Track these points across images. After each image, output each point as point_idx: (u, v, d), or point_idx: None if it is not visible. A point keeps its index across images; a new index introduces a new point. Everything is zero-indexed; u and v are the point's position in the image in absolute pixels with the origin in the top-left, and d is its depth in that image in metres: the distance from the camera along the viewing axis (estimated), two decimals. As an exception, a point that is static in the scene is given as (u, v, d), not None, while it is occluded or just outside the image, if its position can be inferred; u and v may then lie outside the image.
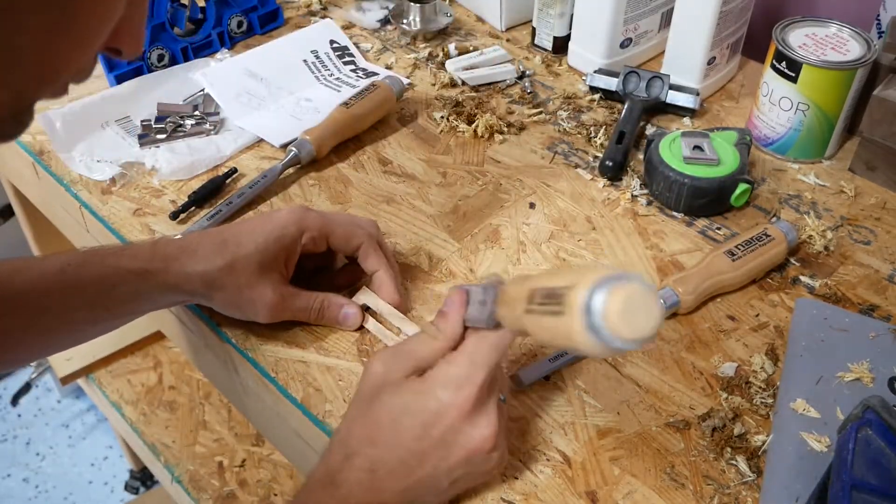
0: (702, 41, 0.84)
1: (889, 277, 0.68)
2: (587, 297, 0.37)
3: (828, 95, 0.76)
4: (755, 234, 0.67)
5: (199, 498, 1.11)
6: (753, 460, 0.54)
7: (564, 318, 0.39)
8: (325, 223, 0.62)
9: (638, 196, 0.76)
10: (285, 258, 0.61)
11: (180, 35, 0.91)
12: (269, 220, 0.61)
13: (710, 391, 0.59)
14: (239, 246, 0.59)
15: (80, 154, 0.79)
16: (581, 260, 0.69)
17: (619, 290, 0.37)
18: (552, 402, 0.58)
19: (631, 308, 0.37)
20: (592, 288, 0.38)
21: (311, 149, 0.78)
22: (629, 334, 0.37)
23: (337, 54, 0.94)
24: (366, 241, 0.62)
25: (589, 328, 0.37)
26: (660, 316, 0.37)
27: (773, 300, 0.66)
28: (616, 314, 0.37)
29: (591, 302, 0.37)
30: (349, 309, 0.62)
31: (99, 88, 0.87)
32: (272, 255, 0.59)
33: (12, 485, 1.61)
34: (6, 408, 1.73)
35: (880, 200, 0.76)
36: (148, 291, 0.59)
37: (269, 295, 0.59)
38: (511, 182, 0.78)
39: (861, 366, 0.59)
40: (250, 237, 0.59)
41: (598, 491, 0.53)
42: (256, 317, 0.61)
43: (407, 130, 0.85)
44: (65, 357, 1.28)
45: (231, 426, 1.20)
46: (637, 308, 0.37)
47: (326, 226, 0.62)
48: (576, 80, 0.93)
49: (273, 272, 0.60)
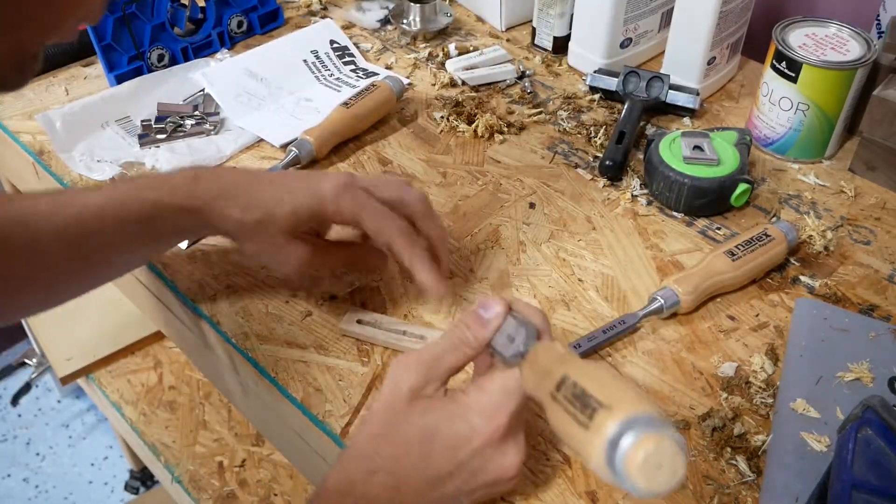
0: (702, 41, 0.84)
1: (889, 277, 0.68)
2: (616, 432, 0.36)
3: (828, 95, 0.76)
4: (755, 234, 0.67)
5: (199, 498, 1.11)
6: (753, 460, 0.54)
7: (587, 435, 0.38)
8: (359, 210, 0.59)
9: (638, 196, 0.76)
10: (316, 227, 0.63)
11: (180, 35, 0.91)
12: (311, 185, 0.60)
13: (710, 391, 0.59)
14: (277, 204, 0.59)
15: (80, 154, 0.79)
16: (581, 260, 0.69)
17: (649, 440, 0.36)
18: (552, 402, 0.58)
19: (656, 462, 0.36)
20: (624, 424, 0.37)
21: (311, 149, 0.78)
22: (646, 486, 0.36)
23: (337, 54, 0.94)
24: (396, 241, 0.58)
25: (608, 462, 0.37)
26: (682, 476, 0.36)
27: (773, 300, 0.66)
28: (639, 465, 0.36)
29: (619, 439, 0.36)
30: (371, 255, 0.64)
31: (99, 88, 0.87)
32: (305, 221, 0.60)
33: (12, 485, 1.61)
34: (6, 408, 1.73)
35: (880, 200, 0.76)
36: (187, 225, 0.61)
37: (296, 253, 0.60)
38: (511, 182, 0.78)
39: (861, 366, 0.59)
40: (289, 198, 0.59)
41: (598, 491, 0.53)
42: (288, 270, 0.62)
43: (407, 130, 0.85)
44: (65, 357, 1.28)
45: (231, 426, 1.20)
46: (662, 464, 0.36)
47: (360, 213, 0.59)
48: (576, 80, 0.93)
49: (304, 233, 0.61)
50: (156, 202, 0.58)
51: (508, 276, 0.68)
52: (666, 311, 0.63)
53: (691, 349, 0.62)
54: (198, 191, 0.59)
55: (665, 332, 0.63)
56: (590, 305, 0.66)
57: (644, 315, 0.63)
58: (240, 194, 0.59)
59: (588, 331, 0.62)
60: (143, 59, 0.88)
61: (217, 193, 0.59)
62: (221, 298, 0.66)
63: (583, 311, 0.65)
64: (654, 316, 0.63)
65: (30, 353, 1.66)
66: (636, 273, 0.68)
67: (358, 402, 0.58)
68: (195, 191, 0.59)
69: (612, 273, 0.68)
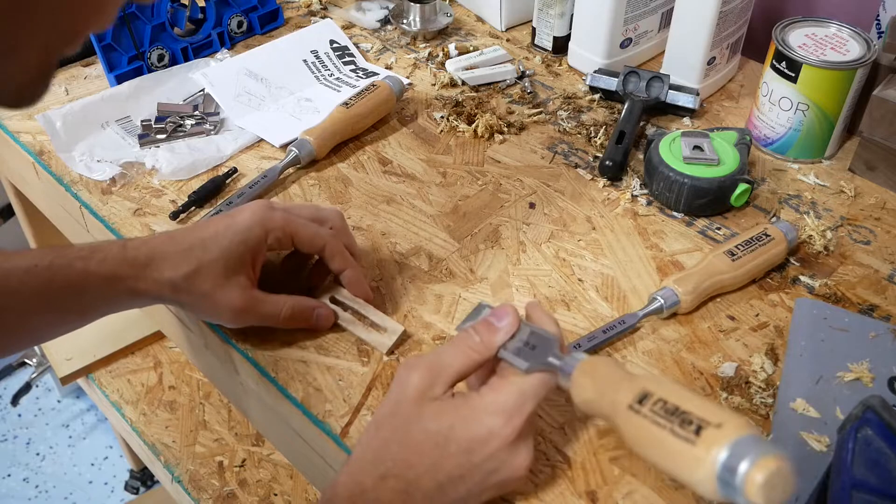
0: (702, 41, 0.84)
1: (889, 277, 0.68)
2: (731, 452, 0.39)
3: (828, 95, 0.76)
4: (755, 234, 0.67)
5: (199, 498, 1.11)
6: (753, 460, 0.54)
7: (693, 451, 0.40)
8: (289, 223, 0.60)
9: (638, 196, 0.76)
10: (251, 260, 0.60)
11: (180, 35, 0.91)
12: (232, 223, 0.60)
13: (710, 391, 0.59)
14: (205, 251, 0.58)
15: (80, 154, 0.79)
16: (581, 260, 0.69)
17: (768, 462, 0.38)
18: (552, 402, 0.58)
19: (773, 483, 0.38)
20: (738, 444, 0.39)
21: (311, 149, 0.78)
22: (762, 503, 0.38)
23: (337, 54, 0.94)
24: (329, 242, 0.61)
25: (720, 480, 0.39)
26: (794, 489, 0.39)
27: (773, 300, 0.66)
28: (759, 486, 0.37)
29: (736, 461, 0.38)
30: (321, 310, 0.62)
31: (99, 88, 0.87)
32: (237, 258, 0.59)
33: (12, 485, 1.61)
34: (6, 408, 1.73)
35: (880, 200, 0.76)
36: (116, 297, 0.59)
37: (235, 299, 0.58)
38: (511, 182, 0.78)
39: (861, 366, 0.59)
40: (215, 241, 0.58)
41: (598, 491, 0.53)
42: (222, 321, 0.61)
43: (407, 130, 0.85)
44: (65, 357, 1.28)
45: (231, 426, 1.19)
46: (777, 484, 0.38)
47: (290, 225, 0.60)
48: (576, 80, 0.93)
49: (239, 275, 0.59)
50: (84, 271, 0.57)
51: (508, 276, 0.68)
52: (666, 311, 0.63)
53: (691, 349, 0.62)
54: (126, 258, 0.58)
55: (665, 332, 0.63)
56: (590, 305, 0.66)
57: (644, 315, 0.63)
58: (168, 254, 0.58)
59: (588, 331, 0.62)
60: (143, 59, 0.88)
61: (146, 260, 0.58)
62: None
63: (583, 311, 0.65)
64: (654, 316, 0.64)
65: (30, 353, 1.66)
66: (636, 273, 0.68)
67: (358, 402, 0.58)
68: (124, 259, 0.58)
69: (612, 273, 0.68)
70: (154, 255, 0.58)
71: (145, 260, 0.58)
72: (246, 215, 0.60)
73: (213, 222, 0.61)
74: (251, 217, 0.60)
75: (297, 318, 0.61)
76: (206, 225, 0.60)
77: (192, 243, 0.59)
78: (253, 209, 0.60)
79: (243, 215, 0.60)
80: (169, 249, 0.58)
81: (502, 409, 0.48)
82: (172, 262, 0.58)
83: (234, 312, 0.59)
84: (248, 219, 0.60)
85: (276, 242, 0.60)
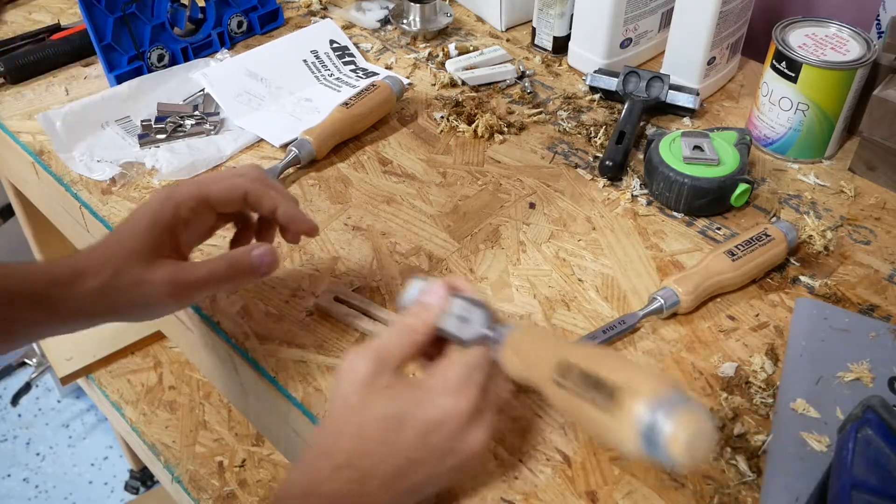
0: (702, 41, 0.84)
1: (889, 277, 0.68)
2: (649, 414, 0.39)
3: (828, 95, 0.76)
4: (755, 234, 0.67)
5: (199, 498, 1.11)
6: (753, 460, 0.54)
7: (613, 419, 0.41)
8: (198, 187, 0.57)
9: (638, 196, 0.76)
10: (169, 239, 0.56)
11: (180, 35, 0.91)
12: (139, 211, 0.56)
13: (710, 391, 0.59)
14: (121, 245, 0.55)
15: (80, 154, 0.79)
16: (581, 260, 0.69)
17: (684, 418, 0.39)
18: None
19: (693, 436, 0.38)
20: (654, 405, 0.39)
21: (311, 149, 0.78)
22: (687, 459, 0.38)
23: (337, 54, 0.94)
24: (249, 186, 0.58)
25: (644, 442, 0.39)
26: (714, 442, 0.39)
27: (773, 300, 0.66)
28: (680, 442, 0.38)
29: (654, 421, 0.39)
30: (257, 251, 0.56)
31: (99, 88, 0.87)
32: (153, 242, 0.55)
33: (12, 485, 1.61)
34: (6, 408, 1.73)
35: (880, 200, 0.76)
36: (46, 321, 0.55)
37: (165, 275, 0.54)
38: (511, 182, 0.78)
39: (861, 366, 0.59)
40: (128, 234, 0.55)
41: (598, 491, 0.53)
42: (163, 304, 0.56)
43: (407, 130, 0.85)
44: (65, 357, 1.28)
45: (231, 426, 1.20)
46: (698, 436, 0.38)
47: (200, 189, 0.57)
48: (576, 80, 0.93)
49: (162, 256, 0.55)
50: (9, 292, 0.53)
51: (508, 276, 0.68)
52: (666, 311, 0.63)
53: (691, 349, 0.62)
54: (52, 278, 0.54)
55: (665, 332, 0.63)
56: (590, 305, 0.66)
57: (644, 315, 0.63)
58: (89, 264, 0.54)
59: (588, 331, 0.62)
60: (143, 59, 0.88)
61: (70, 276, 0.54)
62: (221, 298, 0.66)
63: (583, 311, 0.65)
64: (654, 316, 0.63)
65: (30, 353, 1.66)
66: (636, 273, 0.68)
67: (358, 402, 0.58)
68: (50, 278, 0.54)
69: (612, 273, 0.68)
70: (76, 269, 0.54)
71: (69, 276, 0.54)
72: (150, 200, 0.57)
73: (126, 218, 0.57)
74: (156, 197, 0.56)
75: (238, 270, 0.56)
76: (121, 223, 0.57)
77: (109, 243, 0.55)
78: (158, 191, 0.57)
79: (148, 201, 0.57)
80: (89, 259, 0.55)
81: (452, 388, 0.48)
82: (94, 270, 0.54)
83: (169, 288, 0.54)
84: (153, 200, 0.56)
85: (190, 213, 0.56)
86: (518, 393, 0.58)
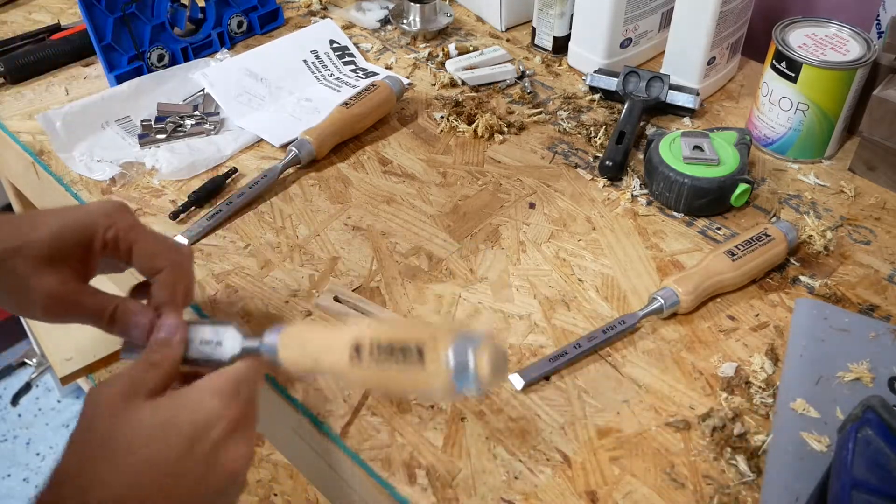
0: (702, 41, 0.84)
1: (889, 277, 0.68)
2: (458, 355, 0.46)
3: (828, 95, 0.76)
4: (755, 234, 0.67)
5: (199, 498, 1.11)
6: (753, 460, 0.54)
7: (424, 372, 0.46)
8: (136, 227, 0.53)
9: (638, 196, 0.76)
10: (82, 253, 0.51)
11: (180, 35, 0.91)
12: (76, 208, 0.53)
13: (710, 391, 0.59)
14: (33, 229, 0.50)
15: (80, 154, 0.79)
16: (581, 260, 0.69)
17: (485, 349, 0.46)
18: (552, 402, 0.58)
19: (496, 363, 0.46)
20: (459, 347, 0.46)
21: (311, 149, 0.78)
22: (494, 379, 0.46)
23: (337, 54, 0.94)
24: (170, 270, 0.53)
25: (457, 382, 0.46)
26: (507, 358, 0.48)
27: (773, 300, 0.66)
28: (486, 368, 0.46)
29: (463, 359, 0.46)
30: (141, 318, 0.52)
31: (99, 88, 0.87)
32: (67, 244, 0.51)
33: (12, 485, 1.61)
34: (6, 408, 1.73)
35: (880, 200, 0.76)
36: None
37: (52, 285, 0.50)
38: (511, 182, 0.78)
39: (861, 366, 0.59)
40: (47, 221, 0.51)
41: (598, 491, 0.53)
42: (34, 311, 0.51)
43: (407, 130, 0.85)
44: (65, 357, 1.28)
45: (231, 426, 1.19)
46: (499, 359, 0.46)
47: (135, 230, 0.52)
48: (576, 80, 0.93)
49: (64, 265, 0.51)
50: None
51: (508, 276, 0.68)
52: (666, 311, 0.63)
53: (691, 349, 0.62)
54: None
55: (665, 332, 0.63)
56: (590, 305, 0.66)
57: (644, 315, 0.63)
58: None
59: (588, 331, 0.62)
60: (143, 59, 0.88)
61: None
62: (221, 298, 0.66)
63: (583, 311, 0.65)
64: (654, 316, 0.63)
65: (30, 353, 1.66)
66: (636, 273, 0.68)
67: (358, 403, 0.58)
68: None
69: (612, 273, 0.68)
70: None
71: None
72: (94, 204, 0.53)
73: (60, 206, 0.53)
74: (99, 206, 0.52)
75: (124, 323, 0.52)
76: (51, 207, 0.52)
77: (22, 220, 0.51)
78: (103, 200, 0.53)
79: (92, 204, 0.53)
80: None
81: (220, 392, 0.45)
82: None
83: (48, 300, 0.50)
84: (94, 206, 0.52)
85: (111, 242, 0.52)
86: (518, 393, 0.58)
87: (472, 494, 0.53)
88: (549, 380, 0.60)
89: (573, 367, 0.60)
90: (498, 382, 0.46)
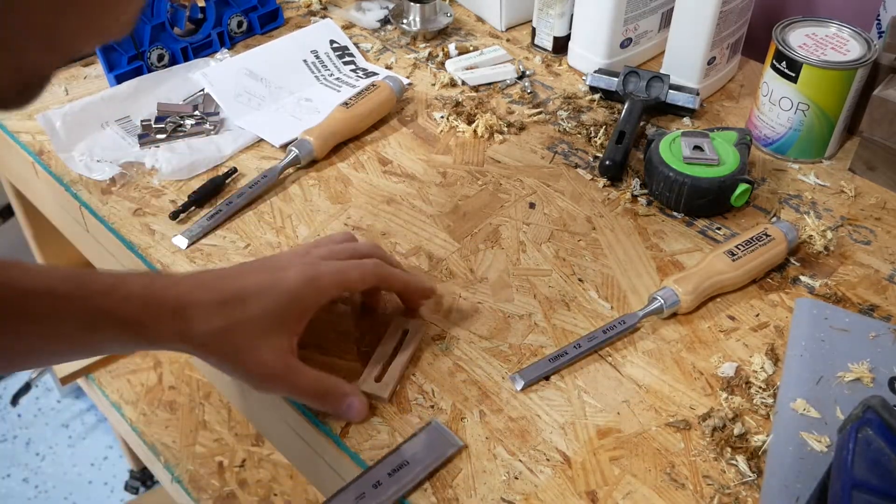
0: (702, 41, 0.84)
1: (889, 277, 0.68)
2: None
3: (828, 95, 0.76)
4: (755, 234, 0.67)
5: (199, 498, 1.11)
6: (753, 460, 0.54)
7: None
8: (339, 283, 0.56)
9: (638, 196, 0.76)
10: (295, 325, 0.55)
11: (180, 35, 0.91)
12: (278, 281, 0.54)
13: (710, 391, 0.59)
14: (244, 307, 0.53)
15: (80, 154, 0.79)
16: (581, 260, 0.69)
17: None
18: (552, 402, 0.58)
19: None
20: None
21: (311, 149, 0.78)
22: None
23: (337, 54, 0.94)
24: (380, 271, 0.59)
25: None
26: None
27: (773, 300, 0.66)
28: None
29: None
30: (353, 401, 0.55)
31: (99, 88, 0.87)
32: (280, 320, 0.53)
33: (12, 485, 1.61)
34: (6, 408, 1.73)
35: (880, 200, 0.76)
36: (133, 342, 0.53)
37: (269, 364, 0.53)
38: (511, 182, 0.78)
39: (861, 366, 0.59)
40: (257, 299, 0.53)
41: (598, 491, 0.53)
42: (248, 384, 0.55)
43: (407, 130, 0.85)
44: (65, 357, 1.28)
45: (231, 426, 1.20)
46: None
47: (342, 278, 0.56)
48: (576, 80, 0.93)
49: (279, 338, 0.53)
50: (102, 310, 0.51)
51: (508, 276, 0.68)
52: (666, 311, 0.63)
53: (691, 349, 0.62)
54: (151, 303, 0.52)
55: (665, 332, 0.63)
56: (590, 305, 0.66)
57: (644, 315, 0.63)
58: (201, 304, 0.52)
59: (588, 331, 0.62)
60: (143, 59, 0.88)
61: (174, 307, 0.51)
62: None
63: (583, 311, 0.65)
64: (654, 316, 0.63)
65: (30, 353, 1.66)
66: (636, 273, 0.68)
67: (358, 402, 0.58)
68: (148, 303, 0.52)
69: (612, 273, 0.68)
70: (183, 303, 0.52)
71: (172, 307, 0.52)
72: (293, 275, 0.55)
73: (255, 272, 0.55)
74: (299, 280, 0.54)
75: (327, 401, 0.55)
76: (247, 274, 0.55)
77: (229, 296, 0.53)
78: (298, 269, 0.55)
79: (290, 274, 0.55)
80: (202, 298, 0.52)
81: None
82: (204, 314, 0.52)
83: (263, 378, 0.53)
84: (297, 280, 0.54)
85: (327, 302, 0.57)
86: (518, 393, 0.58)
87: (472, 495, 0.53)
88: (549, 380, 0.60)
89: (573, 367, 0.60)
90: None
